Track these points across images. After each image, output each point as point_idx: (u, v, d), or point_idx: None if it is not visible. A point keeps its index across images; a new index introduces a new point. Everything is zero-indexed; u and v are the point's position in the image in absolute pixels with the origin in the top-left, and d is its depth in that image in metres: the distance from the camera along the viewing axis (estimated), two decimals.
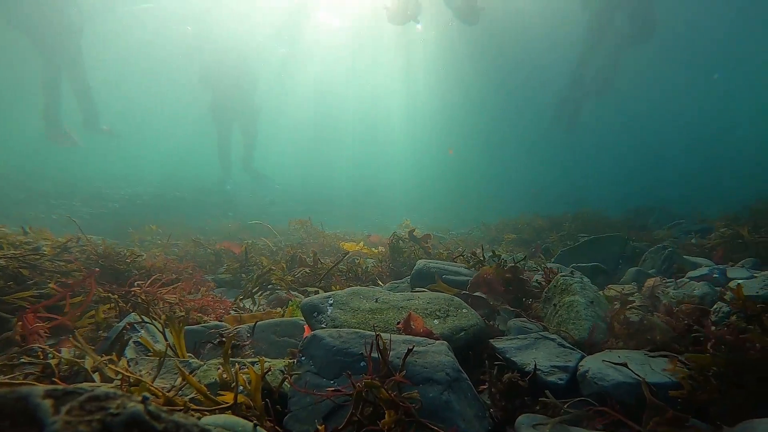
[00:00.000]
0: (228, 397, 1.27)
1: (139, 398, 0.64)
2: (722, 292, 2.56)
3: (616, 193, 26.35)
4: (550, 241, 7.47)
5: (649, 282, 3.19)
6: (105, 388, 0.71)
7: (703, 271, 3.62)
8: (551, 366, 1.93)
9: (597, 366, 1.83)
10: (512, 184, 32.82)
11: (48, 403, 0.60)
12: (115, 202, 13.25)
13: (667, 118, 35.70)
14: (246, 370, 1.71)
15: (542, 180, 34.74)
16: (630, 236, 5.87)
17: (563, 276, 2.80)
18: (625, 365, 1.74)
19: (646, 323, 2.22)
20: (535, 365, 1.90)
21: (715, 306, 2.42)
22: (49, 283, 2.55)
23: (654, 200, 15.89)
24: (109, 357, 1.41)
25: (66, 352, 1.69)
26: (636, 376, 1.68)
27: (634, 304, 2.65)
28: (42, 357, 1.73)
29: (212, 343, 2.36)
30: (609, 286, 3.46)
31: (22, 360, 1.77)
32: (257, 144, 20.25)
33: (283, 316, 2.85)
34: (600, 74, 18.50)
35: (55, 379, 1.15)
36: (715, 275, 3.49)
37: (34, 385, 1.00)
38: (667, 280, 3.53)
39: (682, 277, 3.61)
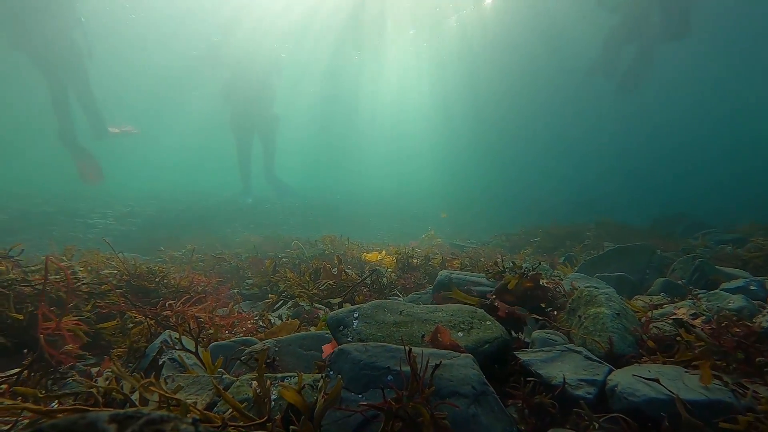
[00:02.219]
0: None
1: (190, 420, 0.69)
2: (762, 306, 2.48)
3: (641, 200, 25.68)
4: (573, 251, 7.36)
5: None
6: (160, 411, 0.76)
7: (739, 283, 3.49)
8: (578, 380, 1.92)
9: (626, 380, 1.81)
10: (533, 192, 32.38)
11: (113, 428, 0.65)
12: (145, 218, 13.66)
13: (697, 120, 34.30)
14: (279, 385, 1.76)
15: (563, 187, 34.17)
16: (657, 245, 5.74)
17: (588, 287, 2.77)
18: (656, 380, 1.71)
19: (682, 337, 2.16)
20: (564, 379, 1.89)
21: (755, 320, 2.35)
22: (87, 305, 2.67)
23: (681, 208, 15.44)
24: (149, 380, 1.48)
25: (105, 376, 1.78)
26: (669, 392, 1.65)
27: (668, 316, 2.59)
28: (81, 378, 1.83)
29: (240, 359, 2.42)
30: (636, 296, 3.40)
31: (68, 382, 1.87)
32: (277, 154, 20.42)
33: (298, 329, 2.90)
34: (631, 69, 17.73)
35: (101, 402, 1.22)
36: (752, 287, 3.37)
37: (88, 410, 1.07)
38: (699, 292, 3.44)
39: (716, 288, 3.50)
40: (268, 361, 2.26)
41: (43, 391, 1.41)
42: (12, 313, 2.47)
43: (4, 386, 1.83)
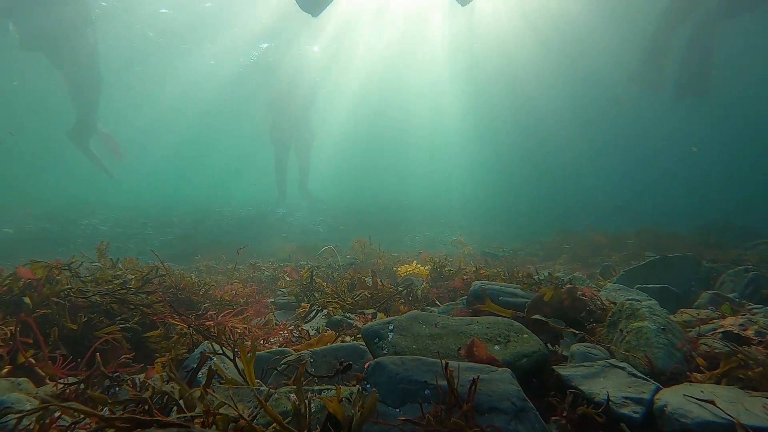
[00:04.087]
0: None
1: None
2: None
3: (687, 207, 24.38)
4: (612, 260, 7.11)
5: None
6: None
7: None
8: (623, 397, 1.85)
9: (677, 400, 1.72)
10: (569, 199, 31.44)
11: None
12: (183, 228, 14.18)
13: (749, 122, 31.12)
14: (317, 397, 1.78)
15: (600, 191, 33.04)
16: (703, 255, 5.46)
17: (629, 299, 2.67)
18: (712, 402, 1.62)
19: (739, 356, 2.04)
20: (608, 396, 1.83)
21: None
22: (135, 317, 2.80)
23: (730, 215, 14.52)
24: (198, 388, 1.54)
25: (156, 383, 1.85)
26: (728, 416, 1.55)
27: (717, 331, 2.46)
28: (133, 387, 1.92)
29: (277, 369, 2.47)
30: (681, 310, 3.24)
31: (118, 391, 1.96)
32: (311, 166, 20.77)
33: (334, 340, 2.92)
34: (690, 61, 15.28)
35: (155, 411, 1.28)
36: None
37: (140, 419, 1.12)
38: (755, 306, 3.24)
39: None
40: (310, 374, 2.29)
41: (109, 399, 1.49)
42: (68, 323, 2.62)
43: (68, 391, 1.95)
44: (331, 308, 3.89)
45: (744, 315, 2.98)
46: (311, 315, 3.97)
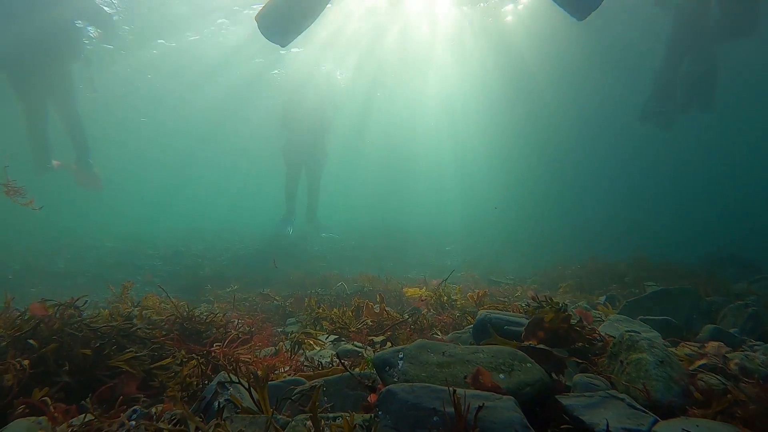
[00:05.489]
0: None
1: None
2: None
3: (685, 236, 24.29)
4: (613, 289, 7.19)
5: (713, 345, 3.02)
6: None
7: None
8: (622, 428, 1.93)
9: None
10: (572, 228, 31.33)
11: None
12: (191, 258, 14.30)
13: (753, 150, 30.68)
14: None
15: (603, 221, 32.97)
16: (704, 288, 5.54)
17: (629, 331, 2.78)
18: None
19: (732, 393, 2.12)
20: (608, 426, 1.92)
21: None
22: (143, 349, 2.93)
23: (731, 247, 14.45)
24: (216, 421, 1.66)
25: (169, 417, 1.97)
26: None
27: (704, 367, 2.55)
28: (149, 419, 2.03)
29: (291, 399, 2.57)
30: (683, 343, 3.32)
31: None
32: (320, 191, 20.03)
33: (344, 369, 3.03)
34: (690, 79, 15.45)
35: None
36: None
37: None
38: (755, 343, 3.32)
39: None
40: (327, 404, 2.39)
41: None
42: (80, 350, 2.72)
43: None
44: (338, 336, 4.01)
45: (743, 350, 3.06)
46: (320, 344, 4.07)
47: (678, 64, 15.67)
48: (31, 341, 2.69)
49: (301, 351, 3.80)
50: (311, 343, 3.93)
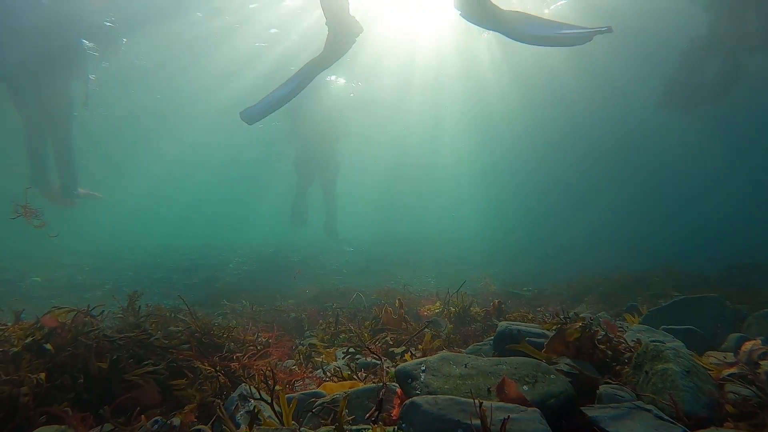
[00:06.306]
0: None
1: None
2: None
3: (711, 245, 23.60)
4: (637, 300, 7.05)
5: (747, 345, 2.94)
6: None
7: None
8: None
9: None
10: (593, 236, 30.68)
11: None
12: (207, 270, 14.49)
13: None
14: None
15: (627, 230, 32.21)
16: (730, 296, 5.39)
17: (653, 341, 2.73)
18: None
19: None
20: None
21: None
22: (162, 362, 2.95)
23: (757, 255, 14.01)
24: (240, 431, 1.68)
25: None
26: None
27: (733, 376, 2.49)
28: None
29: (312, 411, 2.58)
30: (708, 353, 3.24)
31: None
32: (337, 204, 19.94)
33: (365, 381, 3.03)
34: (719, 77, 15.82)
35: None
36: None
37: None
38: None
39: None
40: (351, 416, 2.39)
41: None
42: (96, 362, 2.69)
43: None
44: (358, 348, 4.01)
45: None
46: (339, 357, 4.08)
47: (703, 64, 15.79)
48: (47, 346, 2.72)
49: (318, 363, 3.81)
50: (329, 354, 3.94)
